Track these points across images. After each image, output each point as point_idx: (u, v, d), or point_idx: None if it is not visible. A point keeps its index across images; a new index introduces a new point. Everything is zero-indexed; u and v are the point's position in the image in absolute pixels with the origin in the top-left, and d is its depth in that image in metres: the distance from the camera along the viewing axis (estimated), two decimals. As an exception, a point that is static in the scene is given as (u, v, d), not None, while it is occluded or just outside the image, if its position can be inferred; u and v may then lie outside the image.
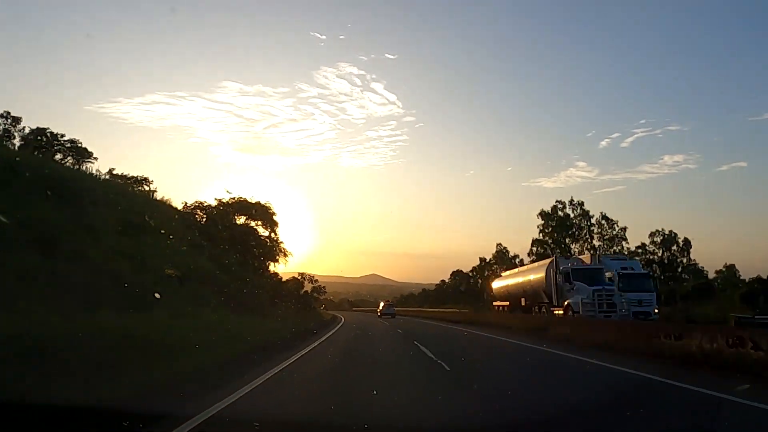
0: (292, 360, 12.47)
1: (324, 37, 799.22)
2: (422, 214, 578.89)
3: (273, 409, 7.30)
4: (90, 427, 5.33)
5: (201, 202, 43.37)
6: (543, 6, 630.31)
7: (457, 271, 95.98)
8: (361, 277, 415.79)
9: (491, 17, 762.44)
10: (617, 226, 55.80)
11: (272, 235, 56.06)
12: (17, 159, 21.48)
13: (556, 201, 58.58)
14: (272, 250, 56.22)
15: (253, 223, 56.40)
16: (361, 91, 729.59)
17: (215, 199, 47.68)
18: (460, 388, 9.44)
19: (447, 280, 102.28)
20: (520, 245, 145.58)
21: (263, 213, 55.05)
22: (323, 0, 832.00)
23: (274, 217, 55.92)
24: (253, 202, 54.41)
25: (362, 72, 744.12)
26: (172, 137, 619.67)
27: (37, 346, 7.60)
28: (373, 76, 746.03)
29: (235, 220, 51.28)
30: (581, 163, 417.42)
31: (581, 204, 56.63)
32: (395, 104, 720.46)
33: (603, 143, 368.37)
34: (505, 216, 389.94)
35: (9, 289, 10.38)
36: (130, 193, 29.58)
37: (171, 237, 25.44)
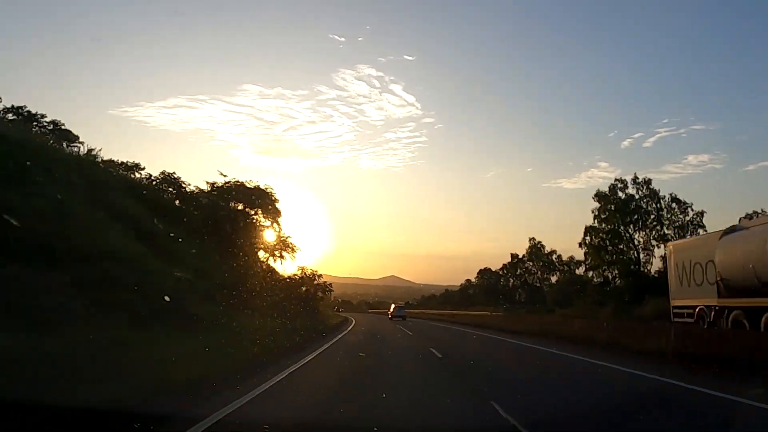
0: None
1: (342, 39, 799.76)
2: (441, 216, 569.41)
3: None
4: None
5: (169, 174, 34.00)
6: (562, 6, 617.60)
7: (485, 269, 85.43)
8: (380, 278, 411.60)
9: (510, 17, 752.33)
10: (692, 210, 44.91)
11: (274, 225, 47.43)
12: None
13: (616, 179, 47.63)
14: (275, 244, 47.74)
15: (252, 213, 48.33)
16: (380, 92, 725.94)
17: (206, 182, 39.39)
18: None
19: (473, 280, 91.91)
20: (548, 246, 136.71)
21: (263, 200, 46.52)
22: (342, 2, 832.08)
23: (277, 205, 47.34)
24: (252, 186, 46.00)
25: (381, 74, 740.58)
26: (194, 140, 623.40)
27: None
28: (392, 78, 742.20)
29: (231, 206, 43.01)
30: (603, 164, 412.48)
31: (648, 182, 45.70)
32: (414, 106, 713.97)
33: (625, 143, 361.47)
34: (525, 217, 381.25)
35: None
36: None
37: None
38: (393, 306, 69.20)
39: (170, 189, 33.09)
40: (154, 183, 32.53)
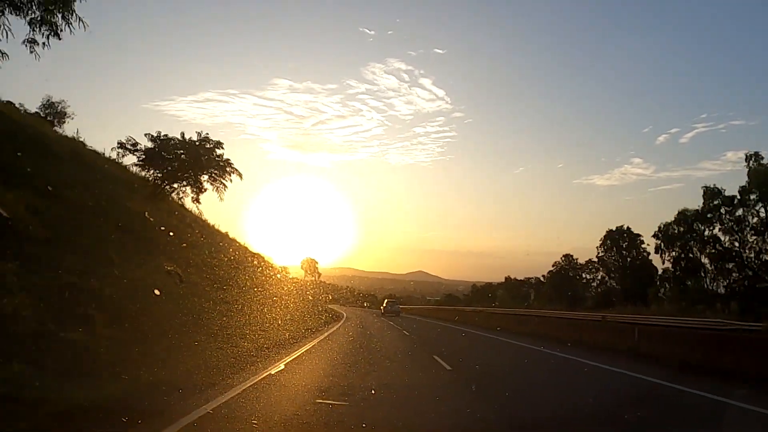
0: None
1: (372, 32, 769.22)
2: (470, 212, 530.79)
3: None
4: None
5: None
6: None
7: (618, 231, 43.86)
8: (407, 273, 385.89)
9: (542, 10, 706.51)
10: None
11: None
12: None
13: None
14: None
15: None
16: (409, 86, 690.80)
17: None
18: None
19: (570, 261, 50.83)
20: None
21: None
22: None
23: None
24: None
25: (410, 67, 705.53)
26: (225, 134, 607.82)
27: None
28: (422, 72, 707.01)
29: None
30: (637, 160, 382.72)
31: None
32: (443, 100, 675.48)
33: (660, 139, 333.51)
34: (555, 214, 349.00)
35: None
36: None
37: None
38: (386, 301, 63.11)
39: None
40: None
